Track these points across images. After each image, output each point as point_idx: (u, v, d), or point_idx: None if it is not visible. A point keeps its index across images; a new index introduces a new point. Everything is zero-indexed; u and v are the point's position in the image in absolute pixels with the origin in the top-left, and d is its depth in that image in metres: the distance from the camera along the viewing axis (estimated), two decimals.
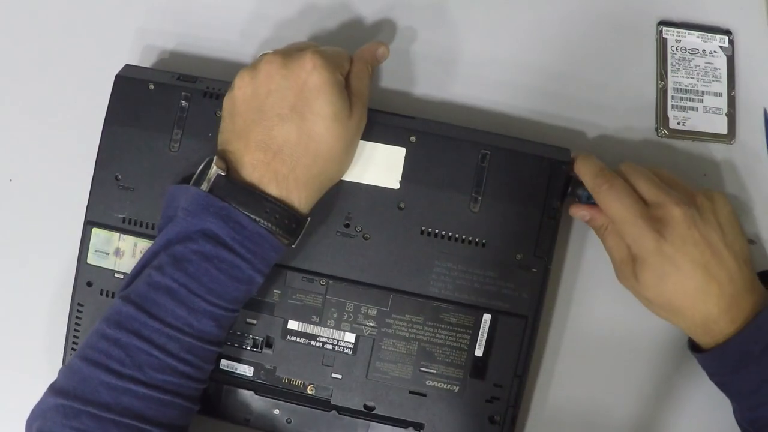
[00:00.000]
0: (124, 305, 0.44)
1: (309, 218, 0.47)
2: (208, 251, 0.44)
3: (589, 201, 0.50)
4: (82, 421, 0.43)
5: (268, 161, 0.46)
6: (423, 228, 0.49)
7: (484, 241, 0.49)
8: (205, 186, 0.45)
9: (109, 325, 0.44)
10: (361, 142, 0.50)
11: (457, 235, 0.49)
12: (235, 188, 0.45)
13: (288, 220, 0.46)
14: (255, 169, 0.46)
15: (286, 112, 0.46)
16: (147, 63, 0.56)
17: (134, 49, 0.56)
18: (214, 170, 0.45)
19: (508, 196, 0.49)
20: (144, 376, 0.44)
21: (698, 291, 0.47)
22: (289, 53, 0.47)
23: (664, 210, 0.47)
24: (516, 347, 0.49)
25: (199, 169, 0.46)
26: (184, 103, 0.51)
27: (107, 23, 0.56)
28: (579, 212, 0.50)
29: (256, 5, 0.56)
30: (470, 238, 0.49)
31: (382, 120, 0.50)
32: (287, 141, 0.46)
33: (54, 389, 0.44)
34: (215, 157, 0.46)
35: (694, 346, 0.50)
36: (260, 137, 0.46)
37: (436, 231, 0.50)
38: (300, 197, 0.46)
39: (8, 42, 0.57)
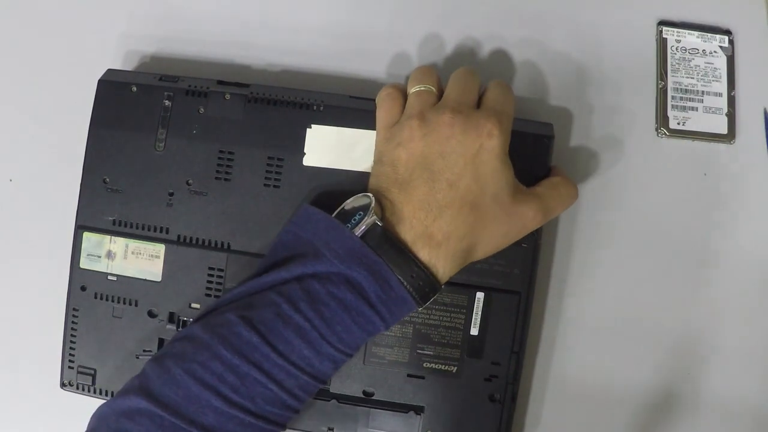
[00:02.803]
0: (247, 330, 0.43)
1: (442, 288, 0.45)
2: (348, 301, 0.43)
3: None
4: None
5: (427, 224, 0.44)
6: None
7: None
8: (358, 230, 0.44)
9: (226, 347, 0.43)
10: (347, 129, 0.50)
11: None
12: (390, 243, 0.44)
13: (428, 289, 0.44)
14: (412, 228, 0.44)
15: (456, 177, 0.44)
16: (129, 67, 0.56)
17: (117, 53, 0.57)
18: (372, 219, 0.44)
19: None
20: (254, 407, 0.43)
21: None
22: (468, 115, 0.45)
23: None
24: (511, 324, 0.49)
25: (349, 202, 0.45)
26: (167, 102, 0.51)
27: (91, 28, 0.57)
28: None
29: (236, 7, 0.56)
30: None
31: (366, 106, 0.50)
32: (450, 205, 0.44)
33: (149, 393, 0.42)
34: (373, 201, 0.44)
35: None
36: (424, 196, 0.44)
37: None
38: (444, 269, 0.45)
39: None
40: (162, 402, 0.42)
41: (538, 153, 0.49)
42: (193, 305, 0.51)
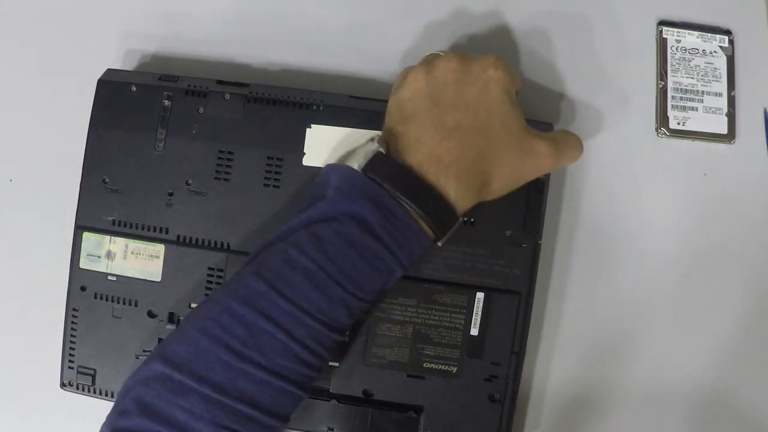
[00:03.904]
0: (255, 280, 0.42)
1: (461, 220, 0.45)
2: (353, 236, 0.42)
3: None
4: (190, 401, 0.40)
5: (432, 146, 0.43)
6: None
7: (472, 219, 0.49)
8: (361, 162, 0.43)
9: (235, 299, 0.42)
10: (347, 129, 0.50)
11: None
12: (393, 168, 0.43)
13: (440, 212, 0.43)
14: (417, 152, 0.43)
15: (462, 104, 0.44)
16: (129, 66, 0.56)
17: (117, 53, 0.57)
18: (375, 146, 0.44)
19: None
20: (264, 360, 0.41)
21: None
22: (465, 55, 0.46)
23: None
24: (511, 324, 0.49)
25: (356, 147, 0.45)
26: (166, 102, 0.51)
27: (91, 28, 0.57)
28: None
29: (235, 7, 0.56)
30: None
31: (366, 106, 0.50)
32: (458, 128, 0.44)
33: (164, 356, 0.42)
34: (378, 135, 0.44)
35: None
36: (429, 122, 0.44)
37: None
38: (458, 190, 0.43)
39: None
40: (175, 362, 0.41)
41: None
42: (193, 305, 0.50)
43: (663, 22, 0.54)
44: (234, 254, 0.50)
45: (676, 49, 0.54)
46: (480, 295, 0.49)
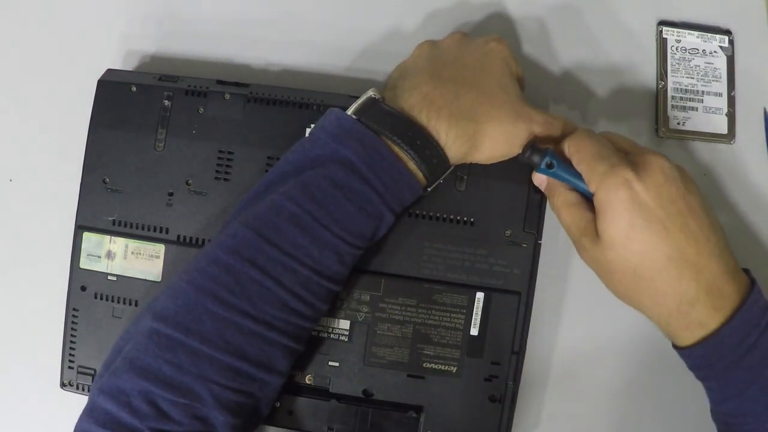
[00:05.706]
0: (242, 229, 0.42)
1: (452, 167, 0.45)
2: (339, 179, 0.42)
3: (544, 171, 0.45)
4: (177, 354, 0.40)
5: (426, 91, 0.43)
6: (411, 210, 0.49)
7: (472, 219, 0.49)
8: (353, 108, 0.43)
9: (222, 248, 0.41)
10: None
11: (444, 216, 0.49)
12: (382, 111, 0.43)
13: (430, 152, 0.42)
14: (410, 96, 0.44)
15: (461, 64, 0.45)
16: (130, 67, 0.56)
17: (117, 53, 0.57)
18: (368, 94, 0.44)
19: (493, 173, 0.49)
20: (253, 309, 0.40)
21: (672, 259, 0.40)
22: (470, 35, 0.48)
23: (644, 156, 0.42)
24: (511, 324, 0.49)
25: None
26: (166, 102, 0.51)
27: (91, 28, 0.57)
28: (539, 179, 0.46)
29: (235, 7, 0.56)
30: (458, 218, 0.49)
31: None
32: (454, 80, 0.44)
33: (154, 312, 0.41)
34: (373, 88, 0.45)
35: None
36: (427, 74, 0.45)
37: (424, 212, 0.49)
38: (448, 133, 0.43)
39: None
40: (164, 316, 0.41)
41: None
42: None
43: (663, 22, 0.54)
44: None
45: (676, 49, 0.54)
46: (480, 295, 0.49)
